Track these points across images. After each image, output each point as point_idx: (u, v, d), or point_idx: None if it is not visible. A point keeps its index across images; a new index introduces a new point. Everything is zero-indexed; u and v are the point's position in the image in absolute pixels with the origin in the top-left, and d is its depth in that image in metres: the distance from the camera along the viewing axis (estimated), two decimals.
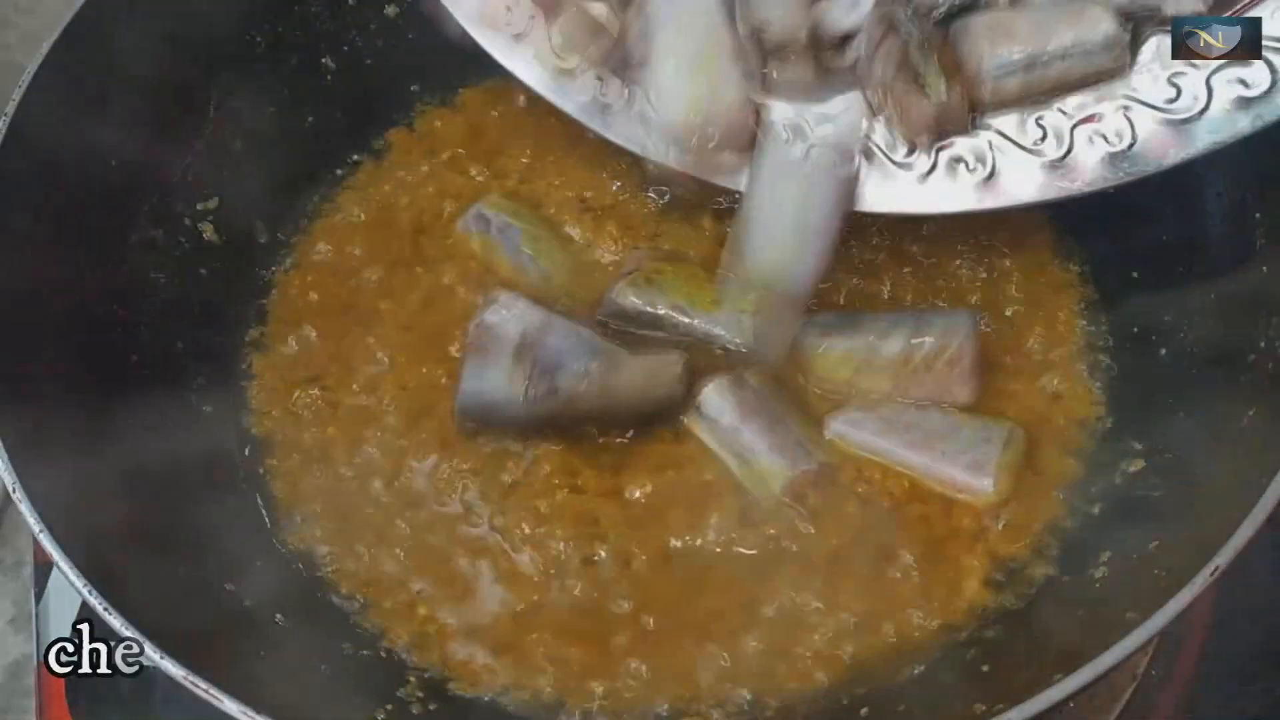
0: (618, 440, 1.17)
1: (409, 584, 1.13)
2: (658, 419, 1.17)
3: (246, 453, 1.21)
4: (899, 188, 1.14)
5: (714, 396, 1.15)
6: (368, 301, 1.29)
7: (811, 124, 1.12)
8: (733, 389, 1.15)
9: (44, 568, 1.28)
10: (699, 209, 1.30)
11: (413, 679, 1.08)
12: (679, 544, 1.12)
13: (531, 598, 1.11)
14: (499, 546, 1.13)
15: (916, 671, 1.05)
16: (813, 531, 1.11)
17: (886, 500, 1.13)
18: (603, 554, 1.12)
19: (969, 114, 1.11)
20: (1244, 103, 1.03)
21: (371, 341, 1.26)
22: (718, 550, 1.11)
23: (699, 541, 1.12)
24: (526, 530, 1.13)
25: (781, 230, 1.16)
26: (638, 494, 1.14)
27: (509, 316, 1.16)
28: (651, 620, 1.09)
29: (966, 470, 1.12)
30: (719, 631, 1.08)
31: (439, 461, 1.17)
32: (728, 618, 1.08)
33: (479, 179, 1.37)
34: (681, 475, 1.15)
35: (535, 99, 1.42)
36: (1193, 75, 1.05)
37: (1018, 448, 1.13)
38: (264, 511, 1.18)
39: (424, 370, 1.23)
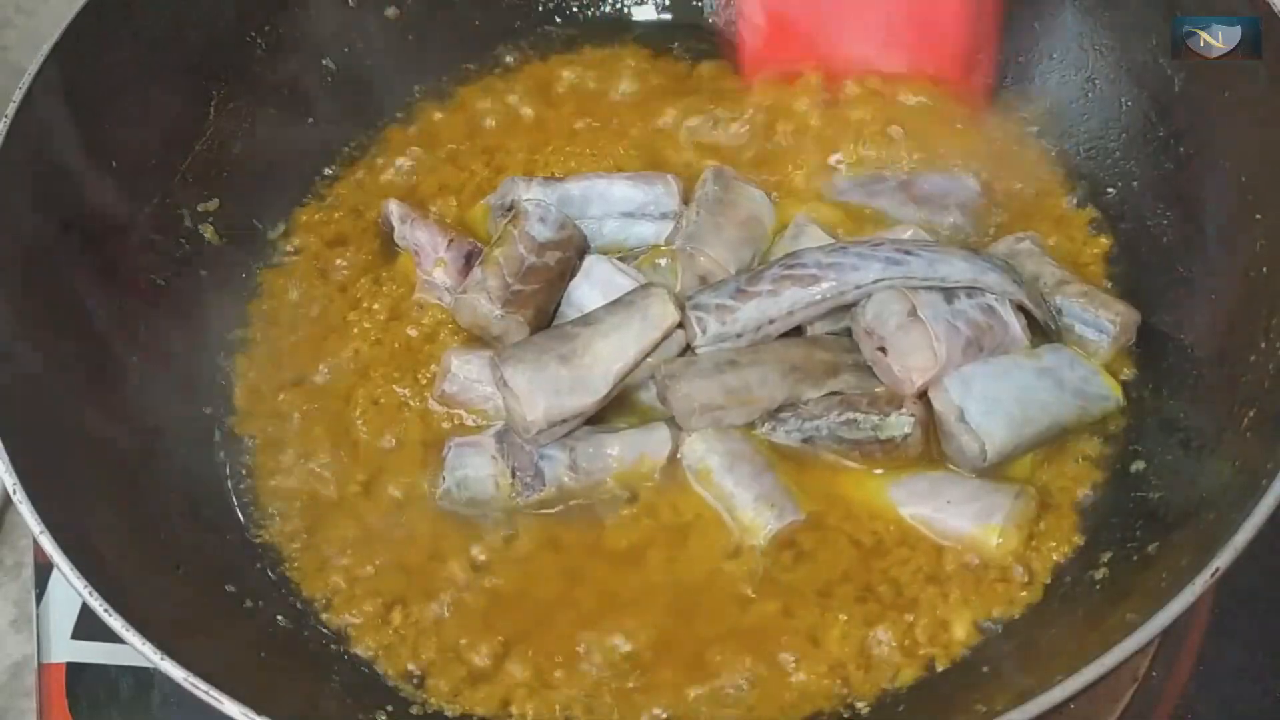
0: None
1: (383, 595, 1.11)
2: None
3: (236, 453, 1.21)
4: None
5: (698, 446, 1.13)
6: (355, 302, 1.29)
7: None
8: (717, 439, 1.13)
9: (44, 569, 1.28)
10: None
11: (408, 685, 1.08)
12: (661, 582, 1.10)
13: (509, 627, 1.09)
14: (471, 576, 1.11)
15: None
16: (798, 577, 1.09)
17: (874, 544, 1.10)
18: (585, 592, 1.10)
19: None
20: None
21: (351, 345, 1.26)
22: (701, 588, 1.09)
23: (682, 579, 1.10)
24: (504, 570, 1.12)
25: None
26: (623, 543, 1.12)
27: (471, 374, 1.17)
28: (636, 646, 1.07)
29: (974, 519, 1.08)
30: (705, 665, 1.05)
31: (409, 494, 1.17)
32: (713, 652, 1.06)
33: (481, 174, 1.37)
34: (659, 520, 1.13)
35: (533, 97, 1.43)
36: None
37: (1028, 504, 1.09)
38: (248, 511, 1.18)
39: (395, 388, 1.22)
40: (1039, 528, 1.10)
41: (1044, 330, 1.16)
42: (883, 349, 1.12)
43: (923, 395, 1.12)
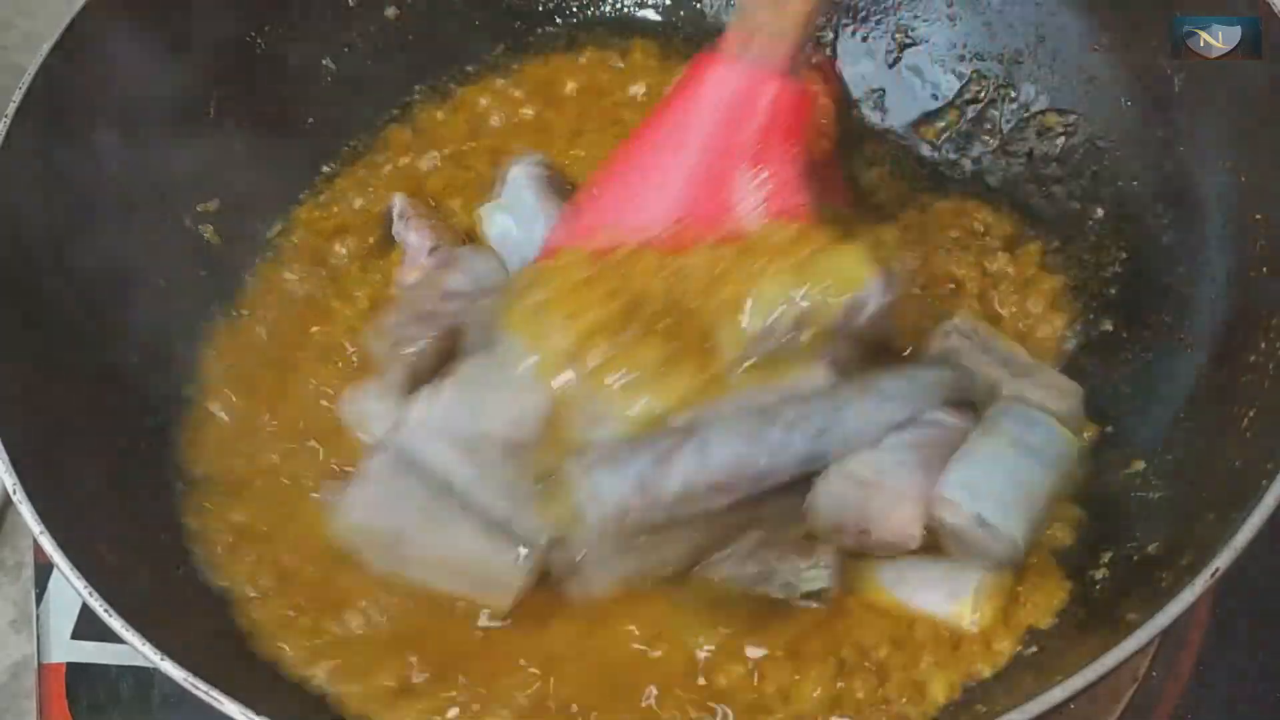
0: None
1: (321, 604, 1.08)
2: None
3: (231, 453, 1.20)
4: None
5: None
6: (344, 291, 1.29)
7: None
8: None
9: (45, 569, 1.28)
10: None
11: None
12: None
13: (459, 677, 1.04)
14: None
15: None
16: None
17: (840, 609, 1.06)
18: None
19: None
20: None
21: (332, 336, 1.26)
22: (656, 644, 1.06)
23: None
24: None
25: None
26: None
27: (353, 415, 1.16)
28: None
29: (942, 603, 1.03)
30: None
31: None
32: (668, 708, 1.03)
33: (487, 175, 1.36)
34: None
35: (535, 97, 1.43)
36: None
37: (1000, 576, 1.04)
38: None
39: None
40: (1019, 591, 1.05)
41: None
42: (864, 531, 1.06)
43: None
